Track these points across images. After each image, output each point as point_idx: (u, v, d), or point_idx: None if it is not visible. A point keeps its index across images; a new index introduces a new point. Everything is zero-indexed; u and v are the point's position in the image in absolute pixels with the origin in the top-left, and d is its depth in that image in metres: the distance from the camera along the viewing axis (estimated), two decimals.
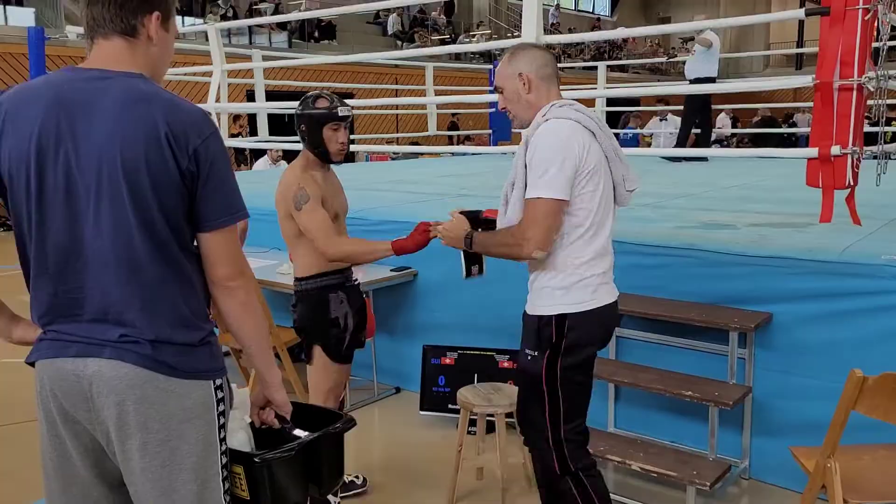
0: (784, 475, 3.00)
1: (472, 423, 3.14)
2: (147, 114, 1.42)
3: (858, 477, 2.22)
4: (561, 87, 2.25)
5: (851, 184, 3.06)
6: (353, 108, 2.74)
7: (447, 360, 3.75)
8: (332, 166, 2.78)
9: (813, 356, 2.95)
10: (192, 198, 1.46)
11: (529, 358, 2.21)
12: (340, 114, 2.64)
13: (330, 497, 2.70)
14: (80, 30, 1.54)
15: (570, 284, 2.15)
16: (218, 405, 1.52)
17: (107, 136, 1.41)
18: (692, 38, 7.44)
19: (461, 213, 2.40)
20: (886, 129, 3.18)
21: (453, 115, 14.85)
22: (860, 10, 2.85)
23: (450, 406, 3.66)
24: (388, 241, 2.55)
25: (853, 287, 2.85)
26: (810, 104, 3.25)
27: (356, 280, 2.86)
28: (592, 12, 28.43)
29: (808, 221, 3.61)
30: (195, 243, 1.52)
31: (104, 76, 1.45)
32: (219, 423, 1.53)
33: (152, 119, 1.41)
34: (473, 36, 19.19)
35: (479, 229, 2.33)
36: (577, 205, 2.11)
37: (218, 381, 1.53)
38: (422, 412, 3.76)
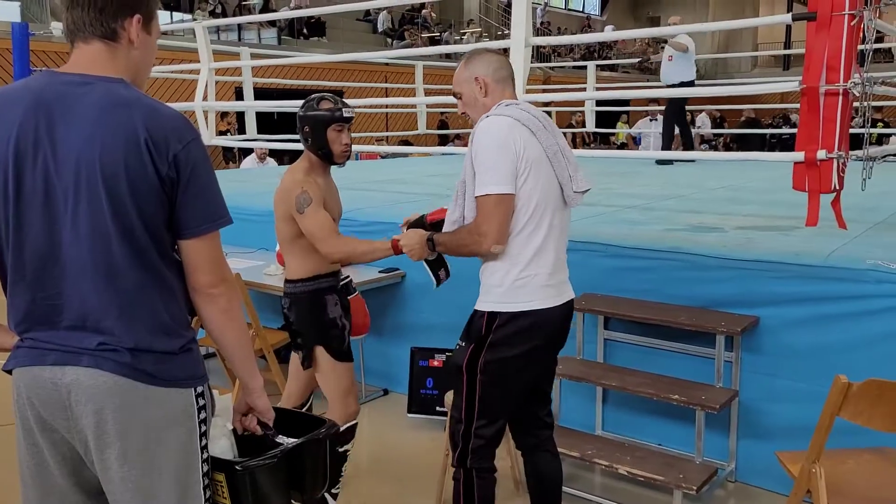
0: (770, 478, 3.01)
1: None
2: (127, 119, 1.40)
3: (843, 481, 2.23)
4: (551, 86, 2.27)
5: (837, 188, 3.08)
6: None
7: (435, 363, 3.74)
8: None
9: (799, 360, 2.96)
10: (172, 205, 1.44)
11: (457, 347, 2.26)
12: (345, 115, 2.62)
13: (328, 497, 2.70)
14: None
15: (506, 283, 2.16)
16: (199, 412, 1.51)
17: (86, 141, 1.39)
18: (666, 41, 7.36)
19: (410, 224, 2.42)
20: (872, 131, 3.19)
21: (442, 113, 14.84)
22: (846, 16, 2.86)
23: (437, 408, 3.66)
24: (387, 241, 2.50)
25: (838, 291, 2.86)
26: (797, 105, 3.27)
27: (347, 277, 2.86)
28: (582, 11, 28.47)
29: (794, 225, 3.62)
30: (175, 249, 1.51)
31: (84, 81, 1.43)
32: (200, 430, 1.51)
33: (132, 125, 1.39)
34: (463, 34, 19.17)
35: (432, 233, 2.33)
36: (515, 200, 2.12)
37: (199, 389, 1.51)
38: (409, 414, 3.75)
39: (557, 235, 2.23)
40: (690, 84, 7.17)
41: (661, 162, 7.57)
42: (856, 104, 3.05)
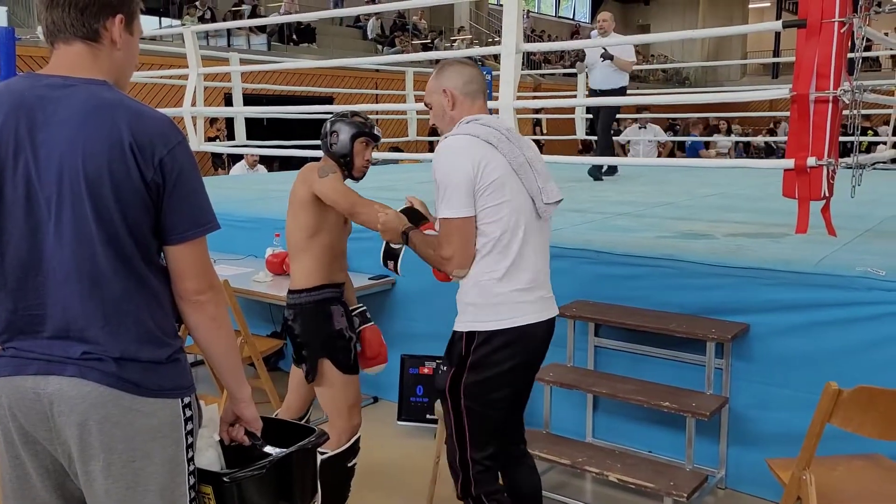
0: (760, 485, 3.01)
1: None
2: (111, 123, 1.37)
3: (833, 488, 2.23)
4: (541, 93, 2.26)
5: (827, 195, 3.08)
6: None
7: (425, 370, 3.72)
8: None
9: (789, 367, 2.96)
10: (157, 210, 1.42)
11: (440, 371, 2.22)
12: (375, 132, 2.72)
13: None
14: None
15: (481, 301, 2.13)
16: (186, 424, 1.48)
17: (68, 145, 1.36)
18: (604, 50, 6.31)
19: (405, 210, 2.38)
20: (862, 139, 3.21)
21: None
22: (836, 23, 2.87)
23: (428, 416, 3.63)
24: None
25: (828, 298, 2.86)
26: (783, 114, 3.28)
27: (362, 307, 2.89)
28: (572, 19, 28.60)
29: (784, 232, 3.63)
30: (161, 256, 1.48)
31: (67, 83, 1.40)
32: (186, 442, 1.48)
33: (116, 128, 1.37)
34: (454, 41, 19.20)
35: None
36: (482, 219, 2.10)
37: (186, 399, 1.48)
38: (399, 422, 3.73)
39: (534, 250, 2.17)
40: (624, 90, 6.49)
41: (596, 177, 6.63)
42: (845, 112, 3.06)
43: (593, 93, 6.56)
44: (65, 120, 1.37)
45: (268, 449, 1.68)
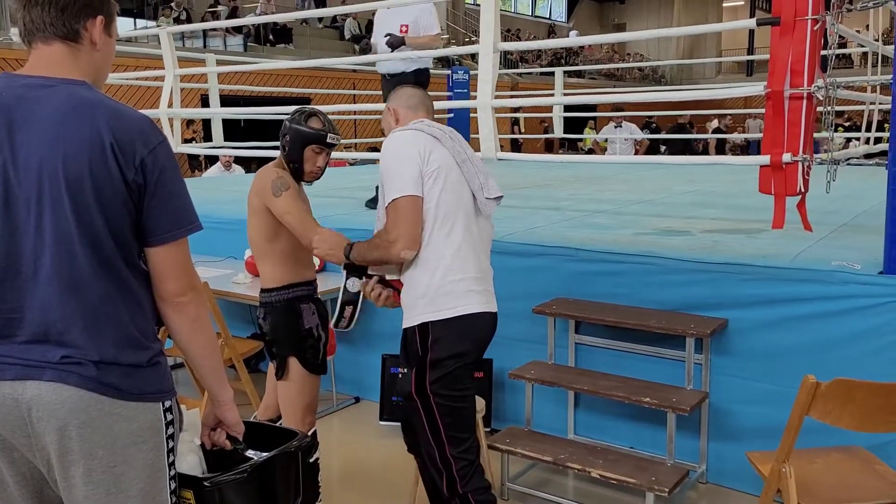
0: (741, 479, 3.04)
1: None
2: (91, 122, 1.35)
3: (813, 481, 2.25)
4: (519, 92, 2.30)
5: (802, 190, 3.11)
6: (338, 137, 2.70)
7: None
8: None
9: (767, 361, 2.99)
10: (138, 211, 1.40)
11: (400, 376, 2.25)
12: (328, 140, 2.62)
13: None
14: None
15: (430, 292, 2.15)
16: (167, 428, 1.46)
17: (48, 146, 1.34)
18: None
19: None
20: (836, 135, 3.25)
21: None
22: (809, 21, 2.90)
23: None
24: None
25: (805, 293, 2.90)
26: (756, 111, 3.30)
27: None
28: (549, 18, 28.71)
29: (760, 227, 3.67)
30: (142, 258, 1.46)
31: (46, 83, 1.39)
32: (167, 446, 1.46)
33: (97, 128, 1.35)
34: None
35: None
36: (425, 204, 2.15)
37: (167, 403, 1.47)
38: (381, 422, 3.72)
39: (477, 243, 2.23)
40: (426, 71, 5.00)
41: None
42: (819, 109, 3.09)
43: (384, 78, 5.28)
44: (44, 120, 1.35)
45: (250, 453, 1.67)
